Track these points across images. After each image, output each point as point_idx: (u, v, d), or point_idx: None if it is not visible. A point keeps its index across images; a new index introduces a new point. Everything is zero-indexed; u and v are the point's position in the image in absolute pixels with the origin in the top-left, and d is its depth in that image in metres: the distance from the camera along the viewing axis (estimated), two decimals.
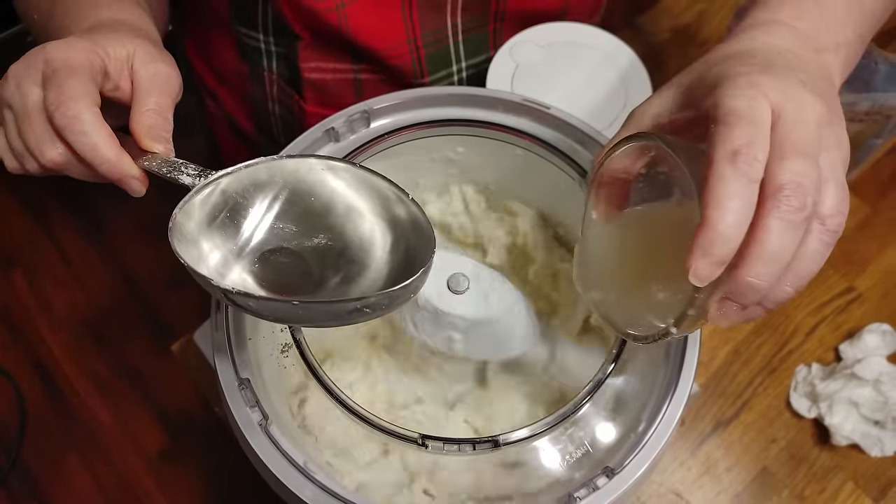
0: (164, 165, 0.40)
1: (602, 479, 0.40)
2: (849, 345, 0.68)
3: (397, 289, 0.37)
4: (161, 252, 1.36)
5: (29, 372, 1.29)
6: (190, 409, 1.22)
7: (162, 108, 0.42)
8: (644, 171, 0.40)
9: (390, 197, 0.40)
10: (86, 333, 1.32)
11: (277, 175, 0.40)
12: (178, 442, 1.23)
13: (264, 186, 0.40)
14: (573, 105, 0.52)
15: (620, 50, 0.65)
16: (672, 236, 0.39)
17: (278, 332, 0.44)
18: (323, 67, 0.66)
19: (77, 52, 0.40)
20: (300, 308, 0.36)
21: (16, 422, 1.23)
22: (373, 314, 0.37)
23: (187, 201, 0.38)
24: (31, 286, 1.37)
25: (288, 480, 0.40)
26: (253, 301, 0.36)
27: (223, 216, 0.39)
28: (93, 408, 1.26)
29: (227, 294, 0.35)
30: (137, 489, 1.20)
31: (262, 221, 0.40)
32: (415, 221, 0.40)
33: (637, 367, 0.45)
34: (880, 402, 0.63)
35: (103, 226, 1.43)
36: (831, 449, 0.65)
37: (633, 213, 0.42)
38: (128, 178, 0.41)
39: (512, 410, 0.50)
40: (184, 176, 0.39)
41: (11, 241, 1.41)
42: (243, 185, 0.39)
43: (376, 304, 0.37)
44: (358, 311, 0.36)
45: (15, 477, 1.20)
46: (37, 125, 0.39)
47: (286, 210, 0.41)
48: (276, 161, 0.40)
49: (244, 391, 0.42)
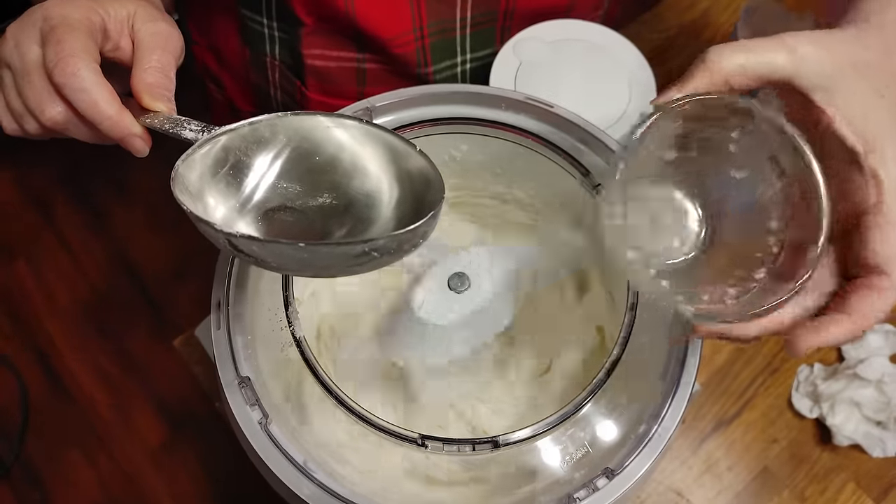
0: (167, 122, 0.39)
1: (602, 480, 0.40)
2: (852, 345, 0.67)
3: (405, 231, 0.36)
4: (164, 245, 1.37)
5: (32, 363, 1.29)
6: (191, 402, 1.23)
7: (164, 66, 0.41)
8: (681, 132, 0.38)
9: (398, 150, 0.39)
10: (88, 325, 1.33)
11: (282, 132, 0.39)
12: (180, 435, 1.23)
13: (268, 143, 0.39)
14: (577, 103, 0.52)
15: (625, 47, 0.65)
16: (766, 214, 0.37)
17: (279, 331, 0.44)
18: (326, 55, 0.66)
19: (76, 9, 0.40)
20: (306, 251, 0.34)
21: (19, 413, 1.23)
22: (381, 259, 0.36)
23: (189, 154, 0.37)
24: (35, 277, 1.37)
25: (287, 479, 0.40)
26: (257, 246, 0.35)
27: (226, 172, 0.38)
28: (95, 400, 1.27)
29: (230, 240, 0.34)
30: (139, 481, 1.21)
31: (265, 179, 0.39)
32: (423, 173, 0.39)
33: (638, 368, 0.45)
34: (883, 403, 0.63)
35: (106, 218, 1.43)
36: (832, 449, 0.64)
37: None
38: (130, 137, 0.40)
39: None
40: (187, 131, 0.38)
41: (15, 232, 1.41)
42: (247, 142, 0.39)
43: (384, 248, 0.36)
44: (365, 254, 0.35)
45: (18, 468, 1.21)
46: (36, 83, 0.39)
47: (290, 169, 0.40)
48: (281, 118, 0.39)
49: (244, 389, 0.42)
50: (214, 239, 0.35)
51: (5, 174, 1.46)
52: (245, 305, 0.44)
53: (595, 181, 0.48)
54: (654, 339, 0.45)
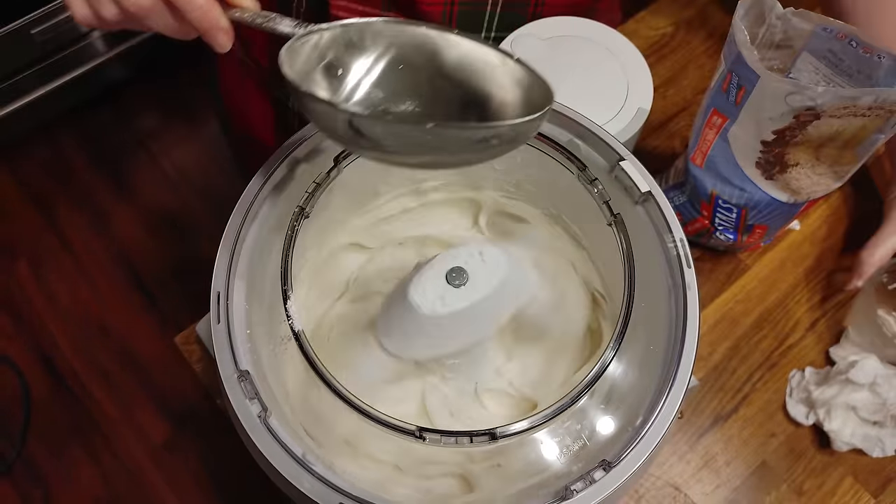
0: (259, 17, 0.39)
1: (599, 472, 0.41)
2: (839, 347, 0.67)
3: (524, 121, 0.37)
4: (164, 244, 1.38)
5: (34, 363, 1.30)
6: (193, 399, 1.23)
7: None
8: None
9: (496, 63, 0.40)
10: (90, 324, 1.33)
11: (386, 36, 0.39)
12: (181, 432, 1.24)
13: (368, 46, 0.39)
14: (574, 100, 0.52)
15: (622, 44, 0.65)
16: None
17: (278, 325, 0.44)
18: (351, 8, 0.65)
19: None
20: (430, 133, 0.34)
21: (21, 412, 1.24)
22: (498, 148, 0.37)
23: (291, 44, 0.37)
24: (36, 277, 1.38)
25: (286, 472, 0.40)
26: (381, 126, 0.34)
27: (326, 66, 0.38)
28: (97, 398, 1.27)
29: (353, 120, 0.33)
30: (141, 478, 1.21)
31: (366, 79, 0.39)
32: (528, 79, 0.40)
33: (635, 361, 0.45)
34: (878, 404, 0.62)
35: (108, 218, 1.43)
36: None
37: None
38: (215, 30, 0.39)
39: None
40: (282, 25, 0.38)
41: (17, 233, 1.42)
42: (347, 40, 0.38)
43: (504, 136, 0.37)
44: (486, 141, 0.36)
45: (20, 466, 1.21)
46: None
47: (390, 73, 0.40)
48: (388, 23, 0.39)
49: (244, 383, 0.42)
50: (329, 122, 0.34)
51: (7, 175, 1.47)
52: (245, 299, 0.45)
53: (592, 175, 0.48)
54: (650, 332, 0.45)
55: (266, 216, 0.48)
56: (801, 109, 0.51)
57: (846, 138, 0.54)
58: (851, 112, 0.51)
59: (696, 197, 0.65)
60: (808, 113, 0.51)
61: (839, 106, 0.50)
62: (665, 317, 0.45)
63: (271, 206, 0.48)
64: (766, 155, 0.57)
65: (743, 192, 0.61)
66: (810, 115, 0.51)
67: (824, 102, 0.50)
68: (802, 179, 0.58)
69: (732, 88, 0.55)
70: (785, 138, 0.54)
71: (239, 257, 0.46)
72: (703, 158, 0.62)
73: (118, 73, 1.49)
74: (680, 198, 0.68)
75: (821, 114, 0.51)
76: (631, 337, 0.42)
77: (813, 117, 0.52)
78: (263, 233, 0.47)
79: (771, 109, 0.53)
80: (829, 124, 0.52)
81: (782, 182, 0.59)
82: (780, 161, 0.57)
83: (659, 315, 0.46)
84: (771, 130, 0.54)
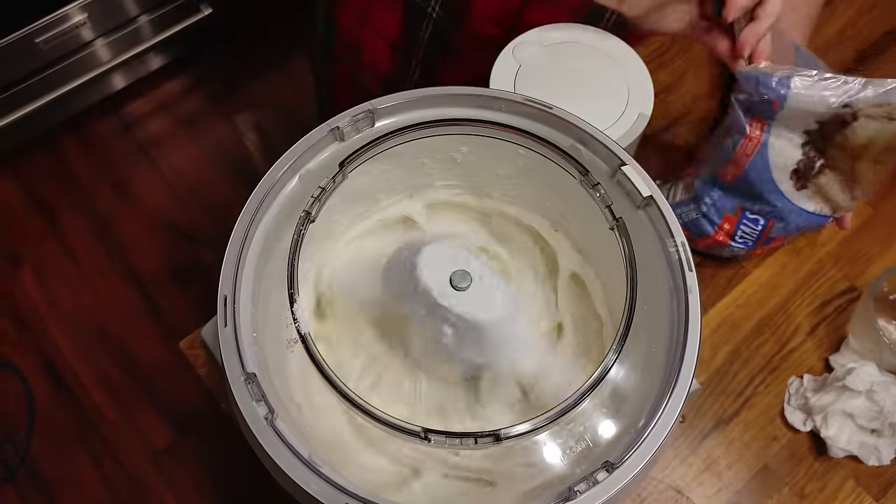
0: None
1: (602, 473, 0.41)
2: (839, 354, 0.68)
3: None
4: (167, 249, 1.38)
5: (37, 369, 1.30)
6: (196, 405, 1.23)
7: None
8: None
9: None
10: (93, 330, 1.34)
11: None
12: (184, 437, 1.24)
13: None
14: (576, 105, 0.53)
15: (623, 51, 0.66)
16: None
17: (284, 329, 0.44)
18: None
19: None
20: None
21: (24, 417, 1.24)
22: None
23: None
24: (40, 283, 1.38)
25: (294, 473, 0.40)
26: None
27: None
28: (100, 404, 1.27)
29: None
30: (143, 484, 1.21)
31: None
32: None
33: (637, 363, 0.45)
34: (875, 412, 0.63)
35: (110, 224, 1.44)
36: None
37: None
38: None
39: None
40: None
41: (20, 239, 1.42)
42: None
43: None
44: None
45: (23, 472, 1.21)
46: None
47: None
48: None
49: (251, 385, 0.42)
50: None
51: (10, 181, 1.47)
52: (251, 302, 0.45)
53: (594, 180, 0.48)
54: (652, 335, 0.46)
55: (272, 220, 0.48)
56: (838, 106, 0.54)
57: (881, 147, 0.55)
58: (886, 114, 0.53)
59: (718, 211, 0.65)
60: (844, 111, 0.54)
61: (873, 104, 0.53)
62: (667, 320, 0.46)
63: (277, 211, 0.48)
64: (807, 150, 0.58)
65: (774, 208, 0.62)
66: (848, 114, 0.54)
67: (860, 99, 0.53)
68: (834, 186, 0.59)
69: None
70: (826, 133, 0.56)
71: (245, 261, 0.46)
72: (734, 175, 0.62)
73: (120, 81, 1.50)
74: (691, 213, 0.68)
75: (857, 112, 0.54)
76: (633, 340, 0.43)
77: (850, 117, 0.54)
78: (269, 237, 0.48)
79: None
80: (864, 128, 0.54)
81: (815, 188, 0.60)
82: (823, 154, 0.58)
83: (661, 318, 0.46)
84: (814, 120, 0.56)
